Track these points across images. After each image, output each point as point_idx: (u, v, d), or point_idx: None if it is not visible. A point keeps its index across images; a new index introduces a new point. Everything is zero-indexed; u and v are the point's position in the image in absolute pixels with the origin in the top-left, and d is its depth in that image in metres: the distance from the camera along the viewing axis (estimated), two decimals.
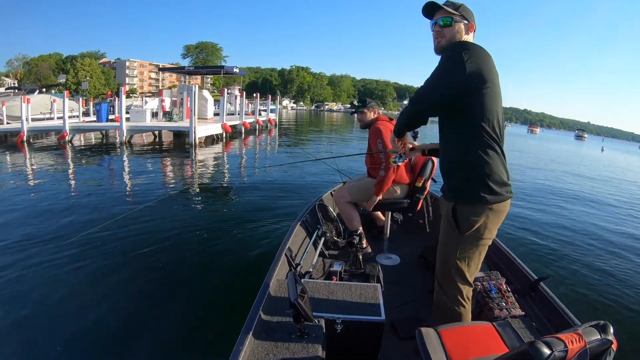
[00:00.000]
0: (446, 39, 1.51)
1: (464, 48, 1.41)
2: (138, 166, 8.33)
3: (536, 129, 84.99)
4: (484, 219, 1.47)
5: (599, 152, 30.86)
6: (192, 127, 11.21)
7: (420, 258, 2.89)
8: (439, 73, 1.43)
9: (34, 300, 2.75)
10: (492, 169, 1.45)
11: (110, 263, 3.36)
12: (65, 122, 11.33)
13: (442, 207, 1.63)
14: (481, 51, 1.44)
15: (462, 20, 1.50)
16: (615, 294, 3.07)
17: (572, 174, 11.65)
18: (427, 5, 1.54)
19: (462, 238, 1.51)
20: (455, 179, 1.53)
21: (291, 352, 1.40)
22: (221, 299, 2.92)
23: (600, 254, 3.92)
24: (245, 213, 5.11)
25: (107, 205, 5.12)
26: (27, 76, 53.51)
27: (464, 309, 1.59)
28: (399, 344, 1.91)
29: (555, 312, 1.80)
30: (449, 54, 1.44)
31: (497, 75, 1.47)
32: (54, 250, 3.52)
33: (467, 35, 1.53)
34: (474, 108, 1.43)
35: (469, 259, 1.54)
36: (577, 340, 0.90)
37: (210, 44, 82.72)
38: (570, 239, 4.38)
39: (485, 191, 1.45)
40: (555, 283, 3.01)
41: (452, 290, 1.58)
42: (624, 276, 3.39)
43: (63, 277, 3.07)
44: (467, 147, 1.46)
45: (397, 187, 2.93)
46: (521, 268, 2.23)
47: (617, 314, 2.75)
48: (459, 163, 1.51)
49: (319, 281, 1.99)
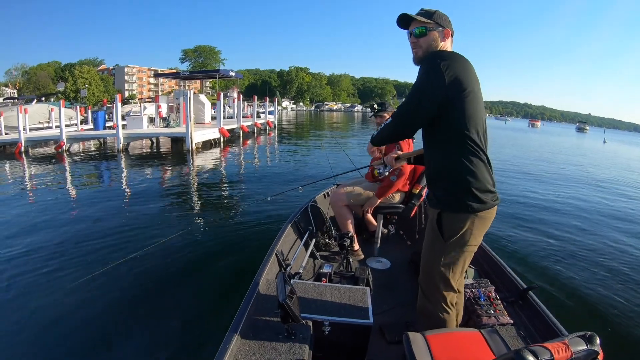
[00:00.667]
0: (423, 49, 1.50)
1: (441, 58, 1.39)
2: (134, 174, 8.31)
3: (537, 122, 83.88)
4: (469, 225, 1.45)
5: (601, 144, 30.65)
6: (188, 132, 11.18)
7: (410, 263, 2.86)
8: (419, 87, 1.42)
9: (27, 306, 2.78)
10: (477, 177, 1.42)
11: (97, 265, 3.35)
12: (62, 131, 11.34)
13: (429, 214, 1.62)
14: (459, 59, 1.42)
15: (437, 28, 1.48)
16: (603, 305, 3.06)
17: (573, 171, 11.48)
18: (401, 18, 1.53)
19: (446, 245, 1.48)
20: (440, 188, 1.51)
21: (278, 352, 1.40)
22: (210, 298, 2.95)
23: (590, 265, 3.88)
24: (238, 214, 5.15)
25: (101, 213, 5.11)
26: (26, 85, 54.01)
27: (447, 315, 1.56)
28: (386, 347, 1.90)
29: (543, 322, 1.79)
30: (426, 66, 1.42)
31: (477, 81, 1.45)
32: (44, 259, 3.52)
33: (444, 41, 1.50)
34: (456, 117, 1.41)
35: (454, 265, 1.51)
36: (563, 350, 0.88)
37: (208, 48, 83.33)
38: (561, 248, 4.32)
39: (471, 200, 1.43)
40: (544, 292, 3.01)
41: (435, 296, 1.55)
42: (613, 288, 3.37)
43: (51, 285, 3.07)
44: (452, 156, 1.45)
45: (396, 193, 2.92)
46: (511, 277, 2.22)
47: (604, 325, 2.74)
48: (443, 172, 1.49)
49: (308, 282, 1.99)
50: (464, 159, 1.42)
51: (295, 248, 2.71)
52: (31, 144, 11.83)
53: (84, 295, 2.90)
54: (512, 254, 3.98)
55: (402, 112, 1.48)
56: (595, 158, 17.58)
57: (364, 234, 3.35)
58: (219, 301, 2.84)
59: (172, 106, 15.74)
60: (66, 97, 39.55)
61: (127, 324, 2.61)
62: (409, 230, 3.40)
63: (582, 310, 2.97)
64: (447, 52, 1.47)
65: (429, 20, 1.48)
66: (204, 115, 16.31)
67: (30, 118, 13.86)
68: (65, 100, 27.44)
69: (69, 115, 16.19)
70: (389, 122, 1.55)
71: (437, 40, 1.49)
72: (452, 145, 1.44)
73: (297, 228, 2.95)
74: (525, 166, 11.72)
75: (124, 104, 28.00)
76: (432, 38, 1.48)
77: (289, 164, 10.14)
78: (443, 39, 1.50)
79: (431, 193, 1.58)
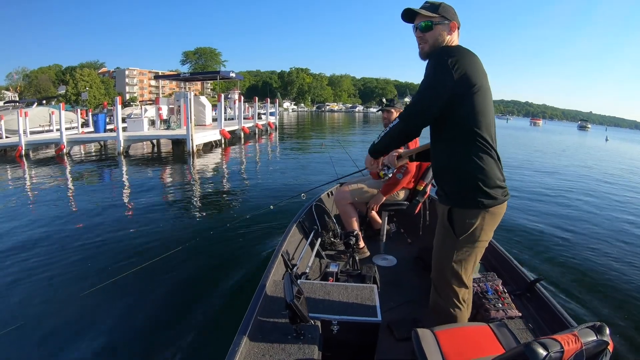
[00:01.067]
0: (429, 44, 1.47)
1: (448, 54, 1.37)
2: (134, 178, 8.28)
3: (539, 121, 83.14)
4: (480, 222, 1.44)
5: (604, 142, 30.47)
6: (189, 134, 11.09)
7: (416, 259, 2.87)
8: (427, 85, 1.40)
9: (27, 303, 2.85)
10: (487, 174, 1.41)
11: (104, 268, 3.40)
12: (63, 135, 11.31)
13: (438, 211, 1.60)
14: (467, 54, 1.40)
15: (443, 21, 1.45)
16: (611, 295, 3.06)
17: (575, 169, 11.45)
18: (405, 12, 1.51)
19: (458, 241, 1.48)
20: (450, 186, 1.50)
21: (287, 353, 1.40)
22: (217, 300, 2.95)
23: (597, 255, 3.89)
24: (242, 215, 5.13)
25: (100, 216, 5.11)
26: (27, 89, 53.96)
27: (459, 311, 1.56)
28: (395, 345, 1.90)
29: (552, 314, 1.79)
30: (434, 62, 1.40)
31: (485, 76, 1.43)
32: (47, 262, 3.55)
33: (451, 35, 1.48)
34: (465, 113, 1.39)
35: (466, 261, 1.51)
36: (573, 341, 0.88)
37: (208, 49, 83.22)
38: (567, 240, 4.33)
39: (482, 196, 1.42)
40: (551, 284, 3.01)
41: (448, 293, 1.55)
42: (620, 277, 3.38)
43: (59, 287, 3.11)
44: (461, 154, 1.43)
45: (400, 191, 2.93)
46: (517, 269, 2.22)
47: (613, 315, 2.74)
48: (453, 170, 1.47)
49: (315, 282, 1.98)
50: (473, 156, 1.40)
51: (301, 248, 2.71)
52: (32, 147, 11.84)
53: (91, 301, 2.89)
54: (518, 246, 3.98)
55: (411, 111, 1.44)
56: (599, 156, 17.54)
57: (369, 232, 3.36)
58: (227, 304, 2.85)
59: (172, 108, 15.74)
60: (67, 100, 39.55)
61: (135, 328, 2.61)
62: (413, 226, 3.41)
63: (590, 301, 2.96)
64: (455, 48, 1.44)
65: (434, 14, 1.45)
66: (205, 116, 16.30)
67: (31, 121, 13.83)
68: (66, 103, 27.46)
69: (70, 118, 16.16)
70: (396, 124, 1.49)
71: (444, 34, 1.46)
72: (462, 142, 1.42)
73: (302, 228, 2.96)
74: (529, 163, 11.74)
75: (125, 107, 28.01)
76: (438, 32, 1.46)
77: (291, 165, 10.13)
78: (449, 32, 1.47)
79: (440, 190, 1.56)
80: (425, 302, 2.25)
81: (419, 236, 3.22)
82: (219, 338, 2.23)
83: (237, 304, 1.87)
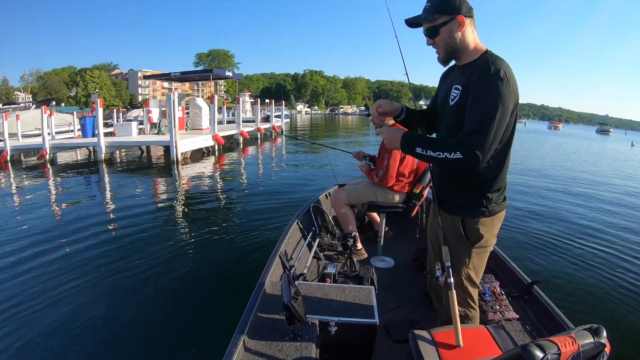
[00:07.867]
0: (442, 48, 1.40)
1: (500, 68, 1.26)
2: (116, 187, 7.63)
3: (559, 125, 78.04)
4: (490, 228, 1.47)
5: (629, 147, 28.06)
6: (172, 141, 9.78)
7: (414, 261, 2.86)
8: (500, 116, 1.23)
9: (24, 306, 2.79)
10: (498, 182, 1.42)
11: (102, 272, 3.38)
12: (45, 140, 10.60)
13: (445, 221, 1.52)
14: (508, 65, 1.31)
15: (448, 21, 1.35)
16: (609, 297, 3.06)
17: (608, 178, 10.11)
18: (408, 24, 1.43)
19: (472, 249, 1.49)
20: (461, 196, 1.46)
21: (284, 353, 1.40)
22: (215, 301, 2.94)
23: (594, 257, 3.88)
24: (239, 217, 5.11)
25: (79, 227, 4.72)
26: (40, 90, 53.67)
27: (474, 312, 1.59)
28: (392, 346, 1.90)
29: (549, 315, 1.80)
30: (494, 79, 1.24)
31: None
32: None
33: (461, 30, 1.36)
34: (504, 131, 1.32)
35: (478, 265, 1.53)
36: (570, 343, 0.88)
37: (222, 52, 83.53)
38: (564, 242, 4.33)
39: (493, 205, 1.43)
40: (549, 286, 2.99)
41: (465, 298, 1.56)
42: (618, 279, 3.37)
43: (50, 291, 3.05)
44: (485, 167, 1.34)
45: (396, 195, 2.92)
46: (515, 271, 2.22)
47: (611, 318, 2.74)
48: (465, 178, 1.43)
49: (312, 283, 1.98)
50: (494, 169, 1.38)
51: (299, 249, 2.72)
52: (18, 152, 11.24)
53: (89, 300, 2.91)
54: (515, 248, 3.97)
55: (487, 144, 1.22)
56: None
57: (367, 233, 3.36)
58: (225, 304, 2.84)
59: (164, 111, 13.91)
60: (77, 102, 39.41)
61: (132, 327, 2.61)
62: (410, 229, 3.41)
63: (587, 303, 2.97)
64: (498, 59, 1.32)
65: (434, 17, 1.35)
66: (201, 120, 15.31)
67: (25, 124, 13.38)
68: (77, 105, 27.07)
69: (67, 121, 15.63)
70: (459, 158, 1.23)
71: (453, 33, 1.36)
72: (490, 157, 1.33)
73: (300, 229, 2.96)
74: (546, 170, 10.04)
75: (134, 108, 27.33)
76: (447, 34, 1.37)
77: (290, 178, 8.46)
78: (459, 28, 1.35)
79: (446, 199, 1.52)
80: (422, 303, 2.26)
81: (416, 238, 3.22)
82: (217, 338, 2.24)
83: (235, 305, 1.86)
